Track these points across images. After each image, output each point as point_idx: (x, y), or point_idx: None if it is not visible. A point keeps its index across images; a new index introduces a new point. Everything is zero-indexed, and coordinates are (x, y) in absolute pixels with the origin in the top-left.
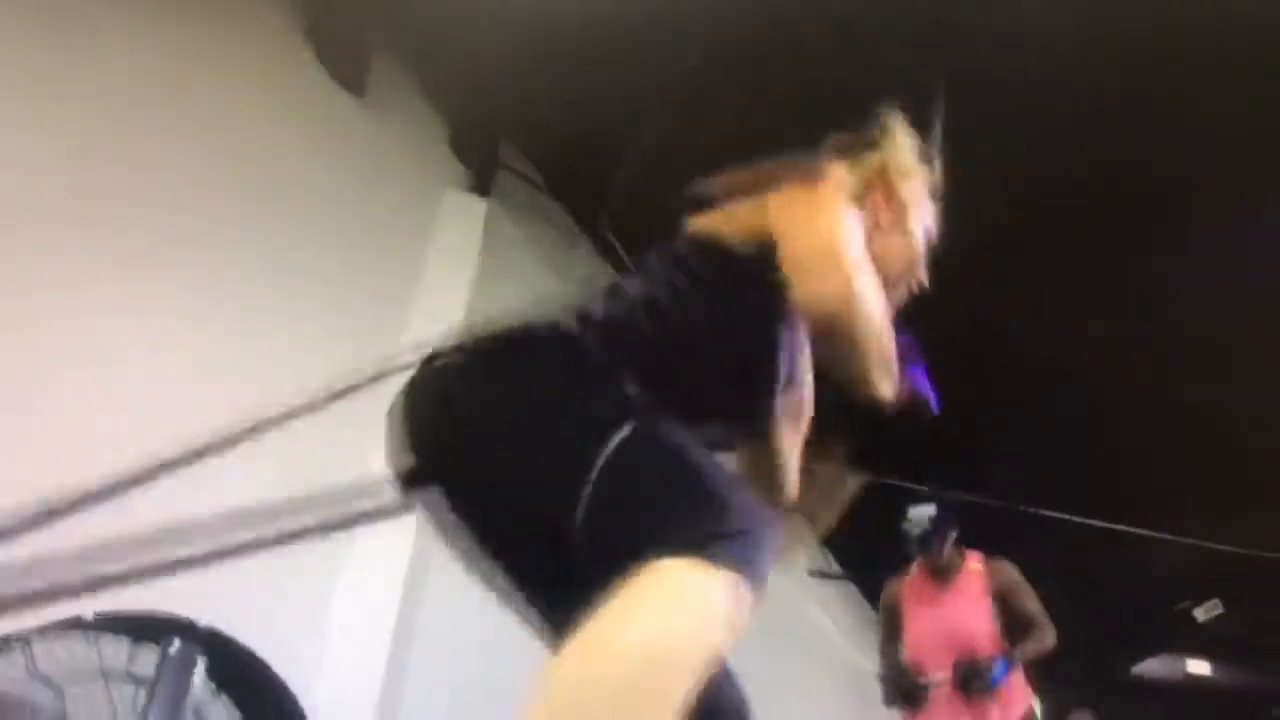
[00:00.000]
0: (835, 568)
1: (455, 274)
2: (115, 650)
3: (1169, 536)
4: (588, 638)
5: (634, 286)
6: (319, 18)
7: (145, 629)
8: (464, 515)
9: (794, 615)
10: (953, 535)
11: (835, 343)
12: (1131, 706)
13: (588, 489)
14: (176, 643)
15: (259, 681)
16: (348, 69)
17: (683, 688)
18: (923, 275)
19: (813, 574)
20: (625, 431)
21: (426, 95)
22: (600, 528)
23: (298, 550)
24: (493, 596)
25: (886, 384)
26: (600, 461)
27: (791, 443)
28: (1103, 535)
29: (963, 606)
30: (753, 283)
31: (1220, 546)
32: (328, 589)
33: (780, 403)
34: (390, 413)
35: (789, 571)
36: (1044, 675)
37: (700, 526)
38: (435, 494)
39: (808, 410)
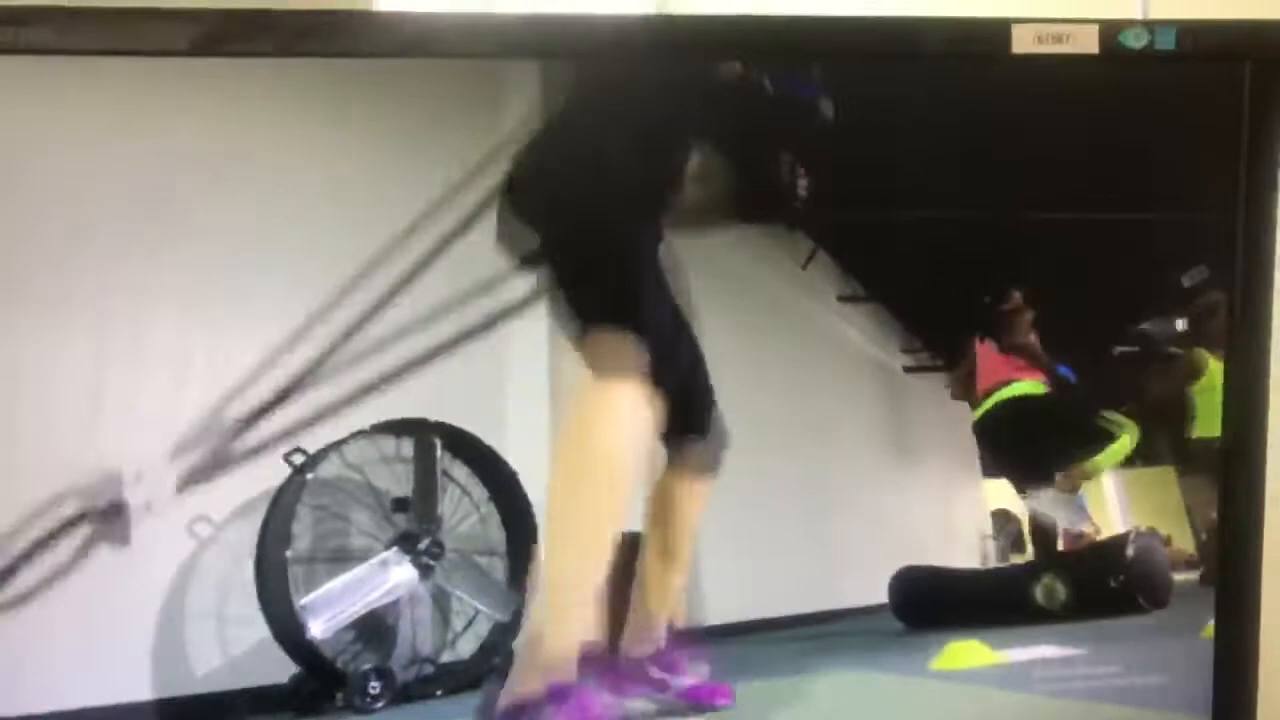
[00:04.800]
0: (861, 291)
1: None
2: (386, 444)
3: (1150, 216)
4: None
5: None
6: None
7: (400, 427)
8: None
9: (824, 332)
10: None
11: None
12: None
13: None
14: (422, 433)
15: (476, 446)
16: None
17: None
18: None
19: (841, 299)
20: None
21: None
22: None
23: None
24: None
25: None
26: None
27: None
28: (1093, 227)
29: None
30: None
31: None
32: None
33: None
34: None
35: (820, 300)
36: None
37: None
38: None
39: None
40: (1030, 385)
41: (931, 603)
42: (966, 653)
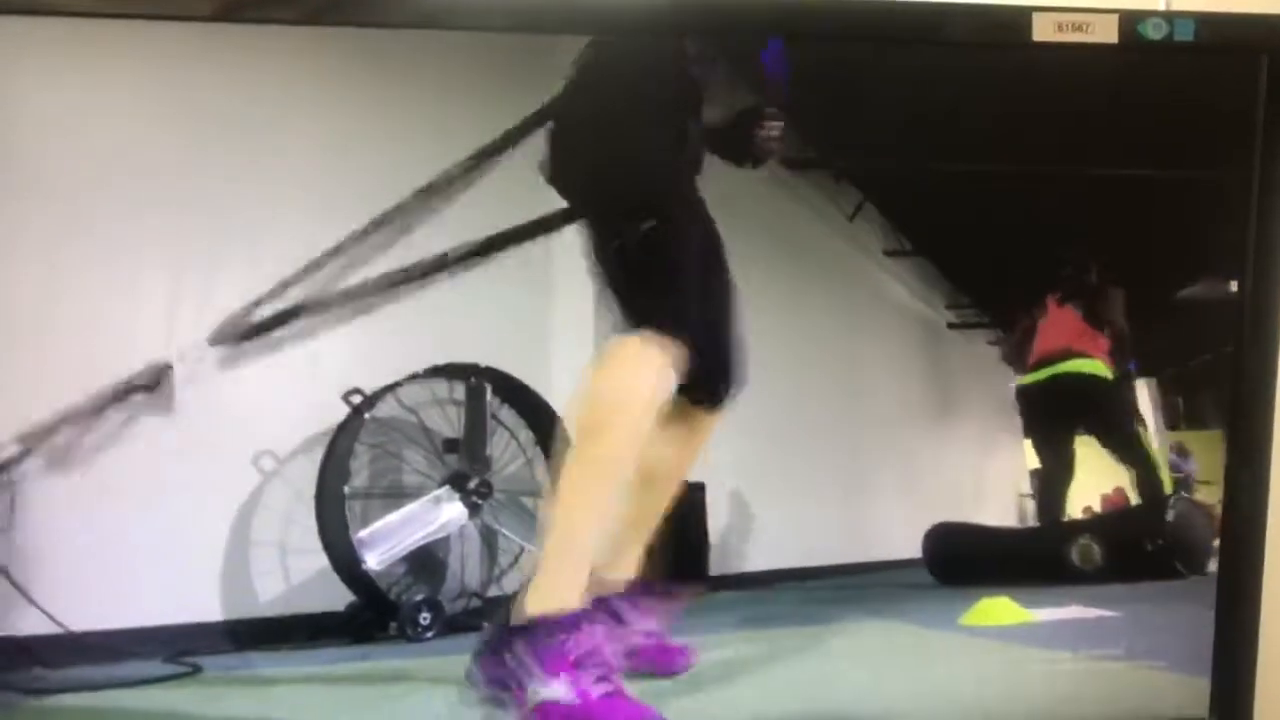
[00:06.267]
0: (908, 245)
1: None
2: (440, 387)
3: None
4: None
5: None
6: None
7: (453, 371)
8: None
9: (870, 287)
10: None
11: None
12: (1181, 320)
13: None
14: (473, 378)
15: (523, 392)
16: None
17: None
18: None
19: (888, 253)
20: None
21: None
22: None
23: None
24: None
25: None
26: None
27: None
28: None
29: None
30: None
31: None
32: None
33: None
34: None
35: (868, 253)
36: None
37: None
38: None
39: None
40: (1096, 365)
41: (965, 559)
42: (997, 609)
